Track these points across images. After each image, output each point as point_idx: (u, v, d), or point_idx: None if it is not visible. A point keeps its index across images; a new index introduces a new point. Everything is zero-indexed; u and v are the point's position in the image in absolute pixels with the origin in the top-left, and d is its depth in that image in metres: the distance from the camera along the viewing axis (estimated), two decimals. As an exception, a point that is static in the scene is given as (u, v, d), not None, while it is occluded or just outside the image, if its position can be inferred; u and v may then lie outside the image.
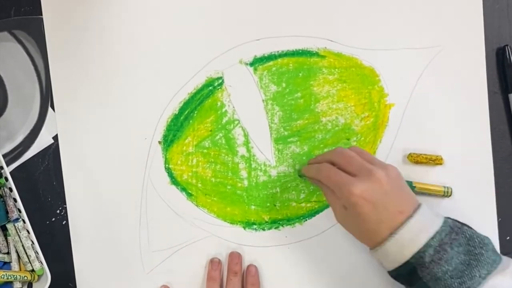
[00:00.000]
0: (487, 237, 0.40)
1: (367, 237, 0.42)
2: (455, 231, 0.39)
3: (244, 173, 0.50)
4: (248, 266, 0.50)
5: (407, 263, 0.39)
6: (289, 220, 0.50)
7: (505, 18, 0.50)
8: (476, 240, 0.39)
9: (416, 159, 0.49)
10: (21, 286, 0.49)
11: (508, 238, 0.50)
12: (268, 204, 0.50)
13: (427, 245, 0.38)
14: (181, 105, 0.51)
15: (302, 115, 0.50)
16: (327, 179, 0.44)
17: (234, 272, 0.49)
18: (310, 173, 0.47)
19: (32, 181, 0.51)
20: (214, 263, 0.49)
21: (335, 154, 0.45)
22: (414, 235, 0.39)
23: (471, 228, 0.41)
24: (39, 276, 0.49)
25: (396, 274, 0.41)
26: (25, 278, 0.48)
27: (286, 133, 0.50)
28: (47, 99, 0.51)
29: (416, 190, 0.48)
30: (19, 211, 0.47)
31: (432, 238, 0.38)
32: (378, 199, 0.40)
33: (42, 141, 0.51)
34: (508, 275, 0.38)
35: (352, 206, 0.40)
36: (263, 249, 0.50)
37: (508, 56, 0.49)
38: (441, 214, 0.41)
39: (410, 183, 0.48)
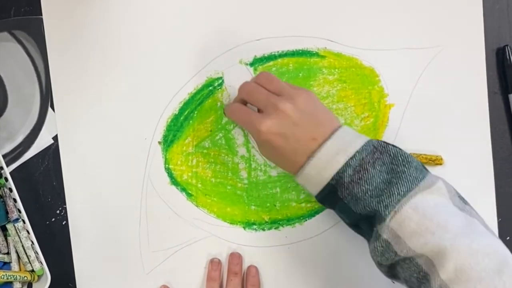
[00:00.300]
0: (413, 156, 0.39)
1: (288, 166, 0.42)
2: (379, 150, 0.39)
3: (244, 173, 0.50)
4: (249, 267, 0.50)
5: (328, 185, 0.39)
6: (289, 220, 0.50)
7: (505, 18, 0.50)
8: (400, 158, 0.38)
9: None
10: (21, 286, 0.48)
11: (508, 238, 0.50)
12: (268, 204, 0.50)
13: (346, 165, 0.38)
14: (181, 105, 0.51)
15: (302, 115, 0.50)
16: (238, 120, 0.44)
17: (234, 272, 0.49)
18: (227, 114, 0.48)
19: (32, 181, 0.51)
20: (214, 263, 0.49)
21: (242, 91, 0.45)
22: (331, 157, 0.38)
23: (397, 147, 0.40)
24: (39, 276, 0.49)
25: (320, 197, 0.41)
26: (25, 278, 0.48)
27: (286, 133, 0.50)
28: (47, 99, 0.51)
29: (416, 190, 0.48)
30: (19, 211, 0.47)
31: (352, 158, 0.38)
32: (287, 131, 0.40)
33: (42, 141, 0.51)
34: (432, 193, 0.37)
35: (263, 142, 0.41)
36: (263, 249, 0.50)
37: (508, 56, 0.49)
38: (365, 136, 0.40)
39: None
